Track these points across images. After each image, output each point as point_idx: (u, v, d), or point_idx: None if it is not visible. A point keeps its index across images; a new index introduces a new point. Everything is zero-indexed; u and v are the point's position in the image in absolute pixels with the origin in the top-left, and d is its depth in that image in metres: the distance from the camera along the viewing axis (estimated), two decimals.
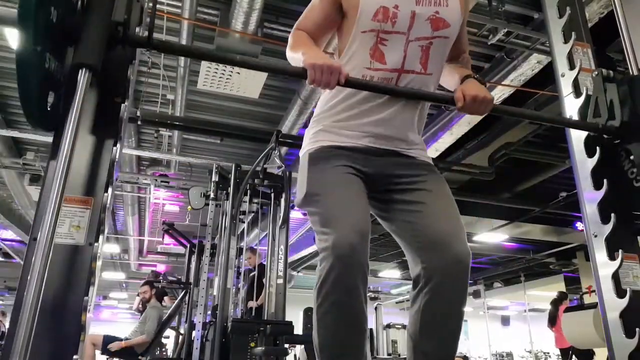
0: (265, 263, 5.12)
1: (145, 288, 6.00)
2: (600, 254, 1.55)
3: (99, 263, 1.13)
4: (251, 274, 5.41)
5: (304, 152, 1.37)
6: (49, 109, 1.05)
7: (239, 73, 3.86)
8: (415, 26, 1.29)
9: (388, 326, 12.12)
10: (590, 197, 1.61)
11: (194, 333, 4.47)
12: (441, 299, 1.18)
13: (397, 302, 15.44)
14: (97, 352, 5.14)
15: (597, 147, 1.62)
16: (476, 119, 4.33)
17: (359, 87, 1.29)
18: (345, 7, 1.34)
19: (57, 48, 1.04)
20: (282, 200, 4.31)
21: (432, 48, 1.31)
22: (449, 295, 1.18)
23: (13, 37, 3.53)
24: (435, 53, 1.32)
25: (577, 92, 1.75)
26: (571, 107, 1.75)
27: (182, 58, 3.73)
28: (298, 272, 11.21)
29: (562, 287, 9.72)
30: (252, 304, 5.12)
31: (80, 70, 1.02)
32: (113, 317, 20.23)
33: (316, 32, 1.40)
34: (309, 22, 1.41)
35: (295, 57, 1.34)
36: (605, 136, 1.60)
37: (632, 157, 1.54)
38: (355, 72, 1.32)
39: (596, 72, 1.67)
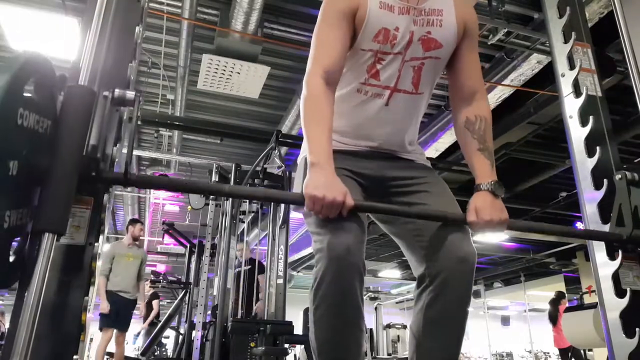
0: (255, 257, 5.12)
1: None
2: (600, 254, 1.55)
3: (99, 263, 1.13)
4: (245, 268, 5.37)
5: (302, 156, 1.36)
6: (10, 260, 0.90)
7: (239, 73, 3.86)
8: (411, 47, 1.29)
9: (388, 326, 12.13)
10: (590, 197, 1.61)
11: (194, 333, 4.47)
12: (446, 297, 1.17)
13: (397, 302, 15.45)
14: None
15: (597, 147, 1.62)
16: None
17: (366, 211, 1.22)
18: (355, 22, 1.29)
19: (21, 196, 0.89)
20: None
21: (424, 69, 1.31)
22: (454, 294, 1.17)
23: (12, 36, 3.53)
24: (426, 74, 1.31)
25: (577, 92, 1.74)
26: (571, 107, 1.75)
27: (182, 58, 3.74)
28: (298, 272, 11.21)
29: (562, 287, 9.73)
30: (259, 305, 5.07)
31: (42, 235, 0.91)
32: None
33: (338, 65, 1.25)
34: (328, 58, 1.24)
35: (306, 140, 1.20)
36: (629, 246, 1.48)
37: None
38: (353, 85, 1.32)
39: (620, 176, 1.55)
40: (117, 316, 5.07)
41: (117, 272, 5.18)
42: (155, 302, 7.27)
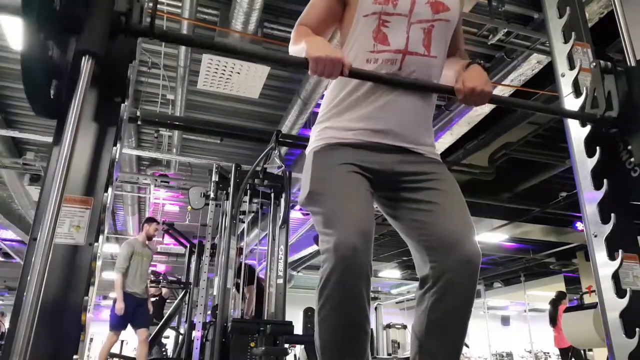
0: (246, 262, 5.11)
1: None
2: (600, 254, 1.55)
3: (99, 263, 1.13)
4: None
5: (309, 149, 1.36)
6: (52, 97, 1.05)
7: (239, 73, 3.86)
8: (416, 8, 1.30)
9: (388, 326, 12.14)
10: (590, 197, 1.61)
11: (194, 333, 4.47)
12: (450, 298, 1.17)
13: (397, 302, 15.45)
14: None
15: (597, 147, 1.62)
16: (476, 119, 4.33)
17: (362, 78, 1.28)
18: None
19: (60, 37, 1.05)
20: (282, 200, 4.31)
21: (434, 31, 1.31)
22: (458, 295, 1.17)
23: (12, 36, 3.53)
24: (437, 36, 1.32)
25: (577, 92, 1.74)
26: (571, 107, 1.75)
27: (182, 58, 3.73)
28: (298, 272, 11.22)
29: (562, 287, 9.73)
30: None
31: (83, 57, 1.03)
32: None
33: (319, 27, 1.39)
34: (311, 17, 1.40)
35: (297, 49, 1.33)
36: (603, 129, 1.61)
37: (629, 147, 1.55)
38: (360, 57, 1.31)
39: (594, 64, 1.68)
40: (133, 316, 5.04)
41: (131, 271, 5.16)
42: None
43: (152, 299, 7.32)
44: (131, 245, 5.29)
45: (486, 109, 4.12)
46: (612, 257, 1.51)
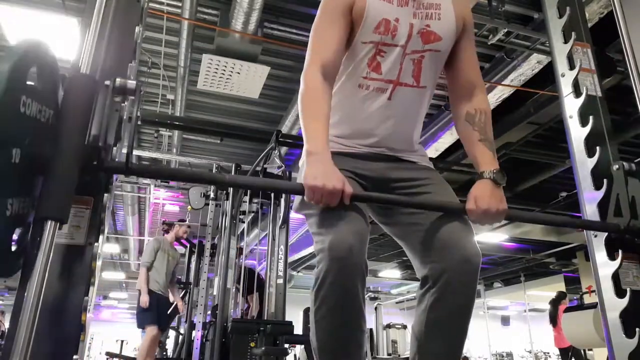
0: (254, 268, 5.11)
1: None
2: (600, 254, 1.55)
3: (99, 263, 1.13)
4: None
5: (302, 160, 1.36)
6: (13, 249, 0.92)
7: (239, 73, 3.86)
8: (411, 40, 1.29)
9: (388, 326, 12.14)
10: (590, 197, 1.61)
11: (194, 333, 4.47)
12: (449, 298, 1.16)
13: (397, 302, 15.45)
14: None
15: (597, 147, 1.62)
16: None
17: (363, 201, 1.21)
18: (353, 16, 1.30)
19: (23, 185, 0.91)
20: (282, 200, 4.31)
21: (424, 61, 1.31)
22: (458, 295, 1.16)
23: (12, 37, 3.53)
24: (427, 66, 1.31)
25: (577, 92, 1.74)
26: (571, 107, 1.75)
27: (182, 58, 3.74)
28: (298, 272, 11.22)
29: (562, 287, 9.73)
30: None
31: (45, 223, 0.92)
32: (113, 317, 20.24)
33: (336, 60, 1.27)
34: (325, 53, 1.26)
35: (303, 130, 1.21)
36: (628, 236, 1.48)
37: None
38: (352, 81, 1.32)
39: (617, 166, 1.55)
40: (158, 314, 5.01)
41: (156, 267, 5.14)
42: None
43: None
44: (158, 242, 5.30)
45: None
46: (612, 257, 1.51)
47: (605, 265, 1.52)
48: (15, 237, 0.92)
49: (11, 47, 0.85)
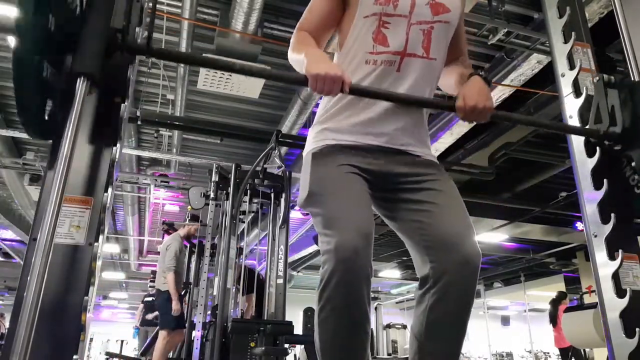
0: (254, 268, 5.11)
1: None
2: (600, 254, 1.55)
3: (99, 263, 1.13)
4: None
5: (307, 151, 1.35)
6: (46, 117, 1.03)
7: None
8: (416, 10, 1.29)
9: (388, 326, 12.15)
10: (590, 197, 1.61)
11: (194, 333, 4.47)
12: (449, 299, 1.16)
13: (397, 302, 15.46)
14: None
15: (597, 148, 1.62)
16: None
17: (362, 95, 1.27)
18: None
19: (55, 56, 1.02)
20: (282, 200, 4.31)
21: (434, 32, 1.31)
22: (458, 296, 1.16)
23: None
24: (437, 38, 1.32)
25: (577, 92, 1.75)
26: (571, 107, 1.75)
27: None
28: (298, 272, 11.22)
29: (562, 287, 9.73)
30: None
31: (78, 79, 1.01)
32: (113, 317, 20.24)
33: (319, 31, 1.38)
34: (311, 20, 1.38)
35: (297, 60, 1.31)
36: (606, 142, 1.58)
37: (633, 164, 1.53)
38: (359, 58, 1.32)
39: (597, 77, 1.65)
40: (180, 317, 5.00)
41: (177, 269, 5.13)
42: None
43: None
44: (179, 242, 5.29)
45: None
46: (612, 257, 1.51)
47: (605, 265, 1.52)
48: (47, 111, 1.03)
49: None
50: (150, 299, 7.34)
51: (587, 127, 1.62)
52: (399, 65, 1.30)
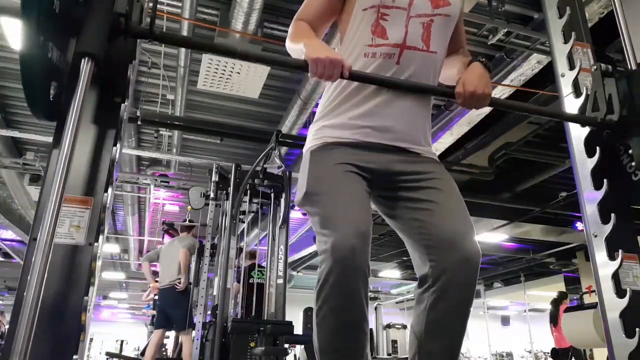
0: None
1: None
2: (600, 254, 1.55)
3: (99, 263, 1.13)
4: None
5: (306, 148, 1.35)
6: (51, 99, 1.05)
7: (238, 73, 3.86)
8: (415, 2, 1.29)
9: (388, 326, 12.13)
10: (590, 197, 1.61)
11: (194, 333, 4.47)
12: (449, 298, 1.16)
13: (397, 302, 15.46)
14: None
15: (597, 147, 1.62)
16: (476, 119, 4.33)
17: (362, 80, 1.28)
18: None
19: (60, 38, 1.05)
20: (282, 200, 4.32)
21: (434, 26, 1.31)
22: (457, 295, 1.16)
23: (12, 37, 3.53)
24: (437, 31, 1.31)
25: (577, 92, 1.75)
26: (571, 107, 1.75)
27: (182, 58, 3.73)
28: (298, 272, 11.21)
29: (562, 287, 9.73)
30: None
31: (83, 60, 1.03)
32: (113, 317, 20.25)
33: (317, 21, 1.38)
34: (310, 11, 1.39)
35: (295, 49, 1.32)
36: (604, 132, 1.60)
37: (630, 152, 1.54)
38: (358, 51, 1.31)
39: (595, 67, 1.67)
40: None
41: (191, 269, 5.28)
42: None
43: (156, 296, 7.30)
44: (195, 242, 5.38)
45: (486, 108, 4.13)
46: (612, 257, 1.51)
47: (605, 265, 1.52)
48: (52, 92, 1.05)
49: None
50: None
51: (585, 114, 1.65)
52: (399, 58, 1.29)
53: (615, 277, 1.49)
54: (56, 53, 1.02)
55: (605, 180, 1.56)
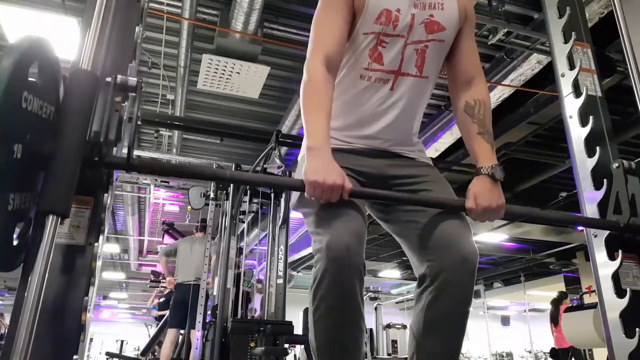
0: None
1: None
2: (600, 254, 1.55)
3: (99, 263, 1.13)
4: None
5: (301, 155, 1.36)
6: (15, 244, 0.93)
7: (238, 73, 3.86)
8: (413, 30, 1.29)
9: (388, 326, 12.12)
10: (590, 197, 1.61)
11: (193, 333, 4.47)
12: (447, 297, 1.16)
13: (397, 302, 15.45)
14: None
15: (597, 147, 1.62)
16: None
17: (362, 197, 1.21)
18: (354, 6, 1.30)
19: (25, 180, 0.92)
20: (282, 200, 4.31)
21: (428, 51, 1.30)
22: (455, 294, 1.16)
23: (12, 37, 3.53)
24: (430, 57, 1.31)
25: (577, 92, 1.75)
26: (571, 107, 1.75)
27: (182, 58, 3.74)
28: (298, 272, 11.21)
29: (562, 287, 9.72)
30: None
31: (47, 217, 0.92)
32: (113, 317, 20.24)
33: (339, 51, 1.26)
34: (329, 43, 1.25)
35: (304, 122, 1.21)
36: (627, 234, 1.48)
37: None
38: (355, 72, 1.31)
39: (617, 164, 1.57)
40: None
41: None
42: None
43: (161, 299, 7.31)
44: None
45: None
46: (612, 257, 1.51)
47: (605, 265, 1.52)
48: (17, 233, 0.93)
49: (13, 44, 0.86)
50: (162, 299, 7.31)
51: (606, 218, 1.51)
52: (393, 84, 1.30)
53: (615, 277, 1.49)
54: (19, 198, 0.89)
55: (605, 180, 1.56)
